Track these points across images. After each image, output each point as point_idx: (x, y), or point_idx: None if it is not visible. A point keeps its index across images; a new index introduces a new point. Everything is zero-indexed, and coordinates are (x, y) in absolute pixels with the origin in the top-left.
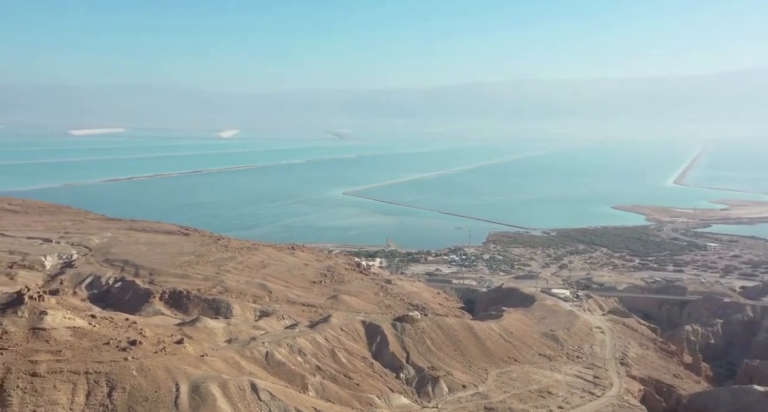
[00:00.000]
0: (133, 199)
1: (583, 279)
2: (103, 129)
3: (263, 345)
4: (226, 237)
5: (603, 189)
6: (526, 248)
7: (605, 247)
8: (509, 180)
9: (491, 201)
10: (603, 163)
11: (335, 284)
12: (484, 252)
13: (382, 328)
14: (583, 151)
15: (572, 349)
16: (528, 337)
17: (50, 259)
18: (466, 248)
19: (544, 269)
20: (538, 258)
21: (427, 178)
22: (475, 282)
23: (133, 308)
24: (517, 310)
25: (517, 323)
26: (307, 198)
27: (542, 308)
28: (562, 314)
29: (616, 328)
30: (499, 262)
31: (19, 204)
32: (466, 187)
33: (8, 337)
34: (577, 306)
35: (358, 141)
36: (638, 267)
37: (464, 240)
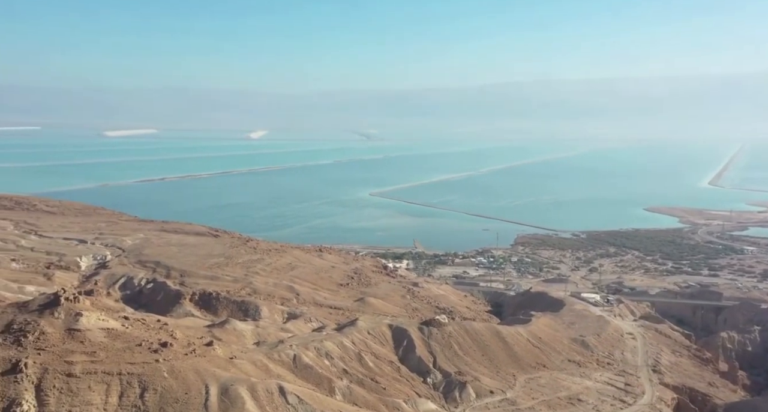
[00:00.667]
0: (165, 200)
1: (613, 283)
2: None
3: (291, 348)
4: (254, 239)
5: (635, 190)
6: (555, 251)
7: (637, 250)
8: (538, 181)
9: (520, 202)
10: (635, 164)
11: (362, 286)
12: (512, 254)
13: (409, 332)
14: (615, 151)
15: (603, 355)
16: (557, 342)
17: (85, 260)
18: (494, 250)
19: (573, 273)
20: (567, 261)
21: (454, 179)
22: (503, 285)
23: (164, 308)
24: (545, 314)
25: (545, 328)
26: (335, 199)
27: (571, 313)
28: (592, 319)
29: (648, 334)
30: (528, 265)
31: (56, 205)
32: (494, 188)
33: (45, 338)
34: (608, 311)
35: (386, 141)
36: (671, 271)
37: (492, 242)
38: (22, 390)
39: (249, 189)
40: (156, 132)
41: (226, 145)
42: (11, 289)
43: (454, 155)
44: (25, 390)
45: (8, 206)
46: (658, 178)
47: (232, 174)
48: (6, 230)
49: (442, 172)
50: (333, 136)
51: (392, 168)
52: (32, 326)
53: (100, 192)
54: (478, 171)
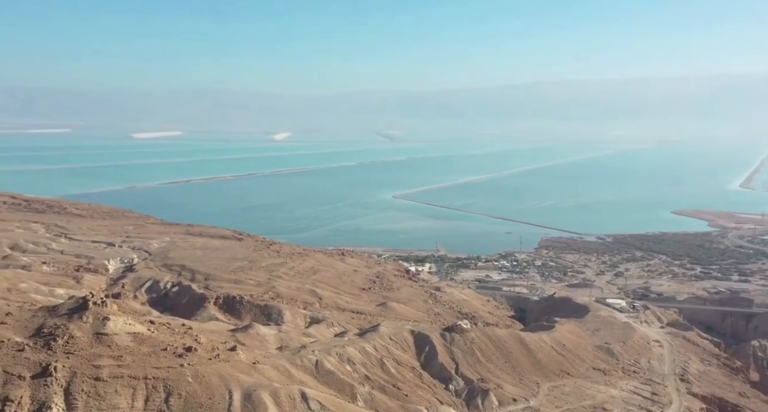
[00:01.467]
0: (191, 202)
1: (640, 288)
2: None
3: (313, 353)
4: (278, 242)
5: (662, 193)
6: (579, 255)
7: (664, 254)
8: (563, 183)
9: (544, 205)
10: (663, 165)
11: (384, 290)
12: (536, 258)
13: (431, 338)
14: (642, 152)
15: (628, 363)
16: (581, 350)
17: (113, 263)
18: (517, 254)
19: (598, 277)
20: (592, 265)
21: (478, 181)
22: (527, 290)
23: (189, 312)
24: (569, 321)
25: (570, 335)
26: (358, 201)
27: (596, 320)
28: (618, 326)
29: (676, 342)
30: (552, 269)
31: (85, 208)
32: (518, 190)
33: (74, 341)
34: (634, 318)
35: (408, 143)
36: (700, 276)
37: (515, 245)
38: (52, 394)
39: (273, 191)
40: (182, 134)
41: (251, 146)
42: (42, 292)
43: (477, 157)
44: (54, 394)
45: (40, 209)
46: (685, 180)
47: (256, 176)
48: (38, 233)
49: (465, 174)
50: (356, 138)
51: (415, 170)
52: (62, 330)
53: (128, 194)
54: (501, 173)
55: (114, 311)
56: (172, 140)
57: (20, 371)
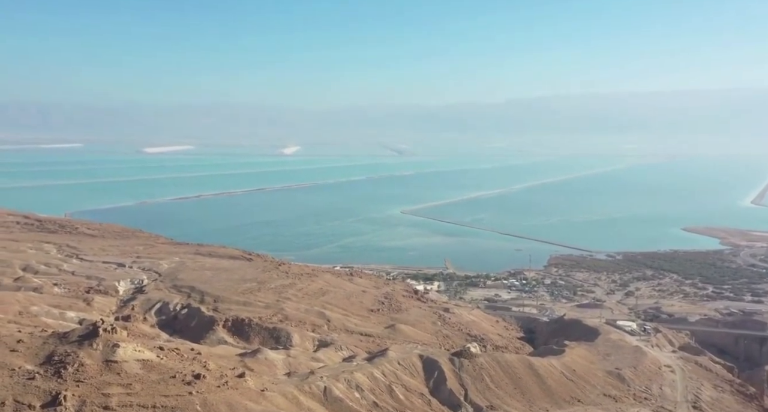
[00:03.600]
0: (201, 218)
1: (650, 308)
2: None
3: (321, 380)
4: (287, 262)
5: (673, 209)
6: (589, 273)
7: (675, 273)
8: (573, 198)
9: (553, 221)
10: (673, 181)
11: (393, 312)
12: (546, 276)
13: (440, 363)
14: (653, 167)
15: (639, 389)
16: (592, 375)
17: (123, 284)
18: (527, 272)
19: (608, 297)
20: (602, 284)
21: (486, 197)
22: (536, 310)
23: (198, 335)
24: (580, 345)
25: (580, 360)
26: (366, 217)
27: (607, 343)
28: (629, 350)
29: (688, 367)
30: (561, 287)
31: (96, 228)
32: (527, 206)
33: (84, 369)
34: (645, 341)
35: (417, 157)
36: (712, 296)
37: (524, 263)
38: None
39: (282, 206)
40: (192, 148)
41: (260, 161)
42: (53, 315)
43: (485, 171)
44: None
45: (52, 229)
46: (696, 195)
47: (265, 191)
48: (49, 254)
49: (474, 190)
50: (365, 152)
51: (424, 184)
52: (72, 358)
53: (138, 210)
54: (510, 188)
55: (123, 337)
56: (182, 155)
57: (30, 400)
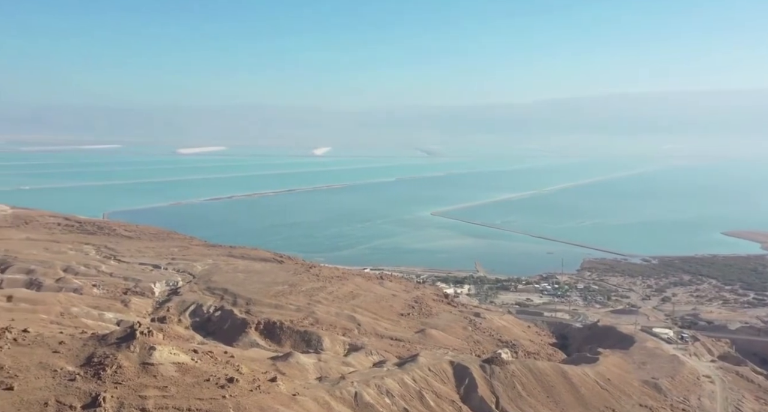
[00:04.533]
0: (233, 219)
1: (688, 315)
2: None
3: (352, 385)
4: (317, 265)
5: (712, 212)
6: (624, 278)
7: (714, 278)
8: (607, 201)
9: (587, 224)
10: (713, 183)
11: (423, 316)
12: (578, 281)
13: (471, 370)
14: (692, 169)
15: (677, 400)
16: (627, 385)
17: (159, 286)
18: (559, 276)
19: (644, 302)
20: (637, 289)
21: (518, 199)
22: (569, 315)
23: (231, 337)
24: (614, 352)
25: (614, 369)
26: (397, 218)
27: (643, 351)
28: (665, 359)
29: (728, 377)
30: (595, 292)
31: (133, 230)
32: (560, 208)
33: (122, 371)
34: (682, 350)
35: (448, 158)
36: (753, 303)
37: (557, 267)
38: None
39: (312, 207)
40: (225, 149)
41: (291, 162)
42: (92, 316)
43: (517, 173)
44: None
45: (91, 230)
46: (737, 198)
47: (296, 192)
48: (89, 255)
49: (506, 191)
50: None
51: (454, 186)
52: (110, 360)
53: (172, 211)
54: (542, 190)
55: (159, 340)
56: (215, 156)
57: (71, 401)
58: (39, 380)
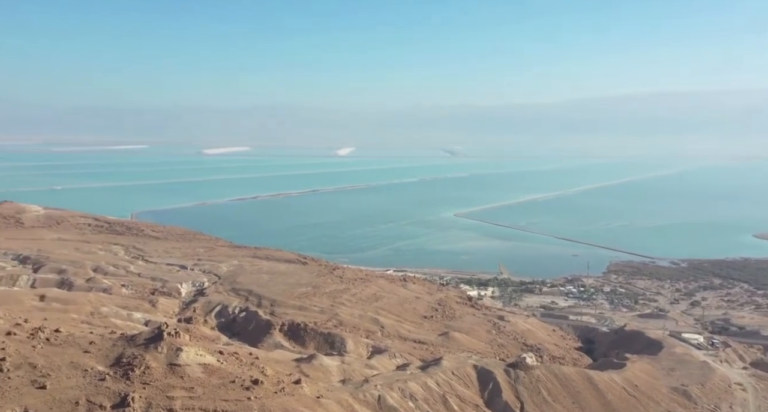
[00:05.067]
0: (257, 219)
1: (719, 320)
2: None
3: (376, 388)
4: (341, 266)
5: (743, 214)
6: (652, 281)
7: (746, 282)
8: (635, 202)
9: (613, 226)
10: (745, 184)
11: (446, 319)
12: (605, 284)
13: (495, 374)
14: (722, 169)
15: (707, 408)
16: (655, 391)
17: (185, 286)
18: (585, 279)
19: (672, 306)
20: (665, 293)
21: (543, 200)
22: (595, 319)
23: (255, 338)
24: (642, 358)
25: (642, 375)
26: (420, 219)
27: (671, 357)
28: (695, 365)
29: (761, 385)
30: (621, 296)
31: (160, 230)
32: (585, 209)
33: (150, 372)
34: (713, 356)
35: (472, 159)
36: None
37: (582, 269)
38: None
39: (336, 208)
40: (249, 149)
41: (315, 162)
42: (121, 316)
43: (542, 174)
44: None
45: (120, 231)
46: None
47: (319, 192)
48: (118, 255)
49: (530, 192)
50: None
51: (478, 187)
52: (138, 360)
53: (198, 211)
54: (568, 191)
55: (186, 341)
56: (239, 156)
57: (101, 401)
58: (70, 379)
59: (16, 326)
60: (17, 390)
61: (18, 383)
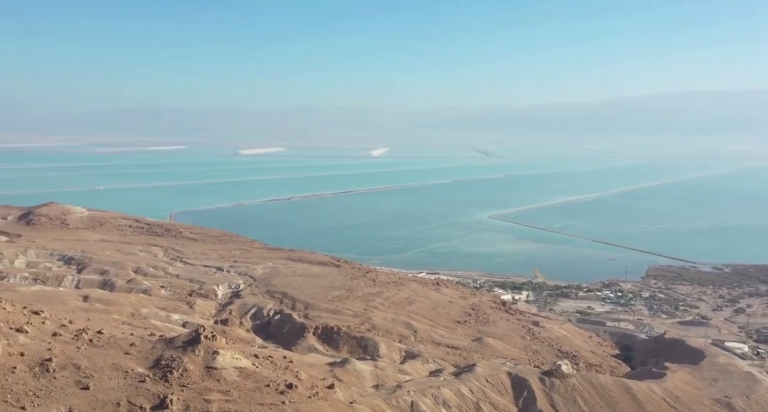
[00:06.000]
0: (291, 220)
1: (765, 328)
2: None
3: (408, 394)
4: (374, 269)
5: None
6: (693, 286)
7: None
8: (674, 205)
9: (652, 229)
10: None
11: (480, 324)
12: (643, 289)
13: (530, 382)
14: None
15: None
16: (697, 403)
17: (222, 288)
18: (622, 283)
19: (715, 313)
20: (707, 299)
21: (579, 202)
22: (633, 325)
23: (289, 341)
24: (682, 367)
25: (683, 385)
26: (453, 221)
27: (714, 367)
28: (739, 375)
29: None
30: (661, 302)
31: (198, 232)
32: (623, 212)
33: (188, 374)
34: (758, 366)
35: (506, 159)
36: None
37: (620, 274)
38: None
39: (369, 209)
40: (284, 150)
41: (349, 163)
42: (160, 317)
43: (579, 175)
44: None
45: (159, 232)
46: None
47: (353, 193)
48: (157, 257)
49: (566, 194)
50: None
51: (512, 188)
52: (177, 363)
53: (234, 211)
54: (605, 192)
55: (222, 344)
56: (275, 156)
57: (141, 403)
58: (112, 380)
59: (62, 328)
60: (62, 390)
61: (63, 384)
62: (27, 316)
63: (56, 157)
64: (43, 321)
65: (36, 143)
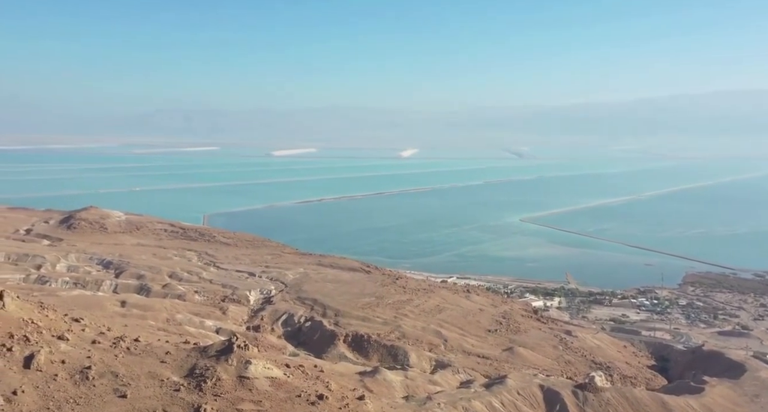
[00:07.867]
0: (323, 222)
1: None
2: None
3: (439, 407)
4: (404, 276)
5: None
6: (733, 294)
7: None
8: (713, 208)
9: (690, 234)
10: None
11: (510, 333)
12: (680, 296)
13: (562, 395)
14: None
15: None
16: None
17: (254, 294)
18: (658, 290)
19: (756, 323)
20: (748, 308)
21: (613, 204)
22: (669, 335)
23: (320, 348)
24: (722, 382)
25: (722, 401)
26: (484, 224)
27: (756, 382)
28: None
29: None
30: (699, 310)
31: (231, 237)
32: (659, 215)
33: (221, 384)
34: None
35: (538, 160)
36: None
37: (656, 280)
38: None
39: (399, 211)
40: (316, 151)
41: (379, 164)
42: (194, 323)
43: (613, 176)
44: None
45: (193, 237)
46: None
47: (384, 195)
48: (191, 262)
49: (600, 196)
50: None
51: (545, 190)
52: (210, 372)
53: (267, 213)
54: (641, 195)
55: (255, 354)
56: (306, 157)
57: (176, 411)
58: (148, 389)
59: (101, 335)
60: (101, 398)
61: (101, 391)
62: (68, 323)
63: (94, 159)
64: (83, 328)
65: (80, 145)
